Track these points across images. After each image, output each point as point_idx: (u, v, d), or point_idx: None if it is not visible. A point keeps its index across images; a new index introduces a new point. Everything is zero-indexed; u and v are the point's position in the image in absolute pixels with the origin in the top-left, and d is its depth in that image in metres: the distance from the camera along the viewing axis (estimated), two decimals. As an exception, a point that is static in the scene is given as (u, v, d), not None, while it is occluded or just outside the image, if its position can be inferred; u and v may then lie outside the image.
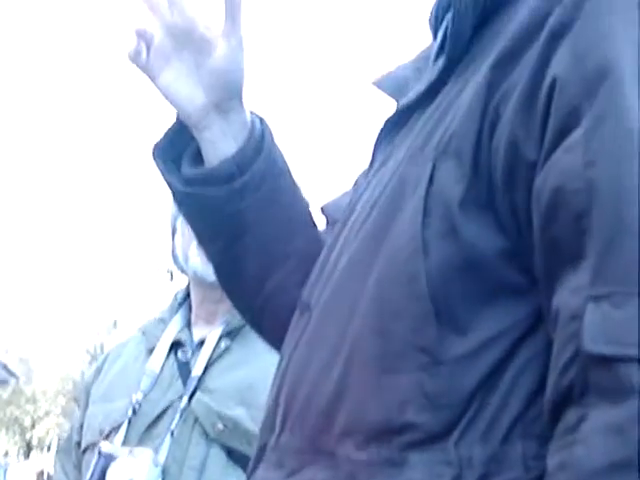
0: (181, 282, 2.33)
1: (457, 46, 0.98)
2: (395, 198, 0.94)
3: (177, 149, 1.18)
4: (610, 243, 0.78)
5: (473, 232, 0.88)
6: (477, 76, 0.92)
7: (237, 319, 1.98)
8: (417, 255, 0.89)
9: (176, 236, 2.14)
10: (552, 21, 0.87)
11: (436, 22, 1.07)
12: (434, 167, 0.91)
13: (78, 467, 2.08)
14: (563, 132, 0.83)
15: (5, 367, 23.41)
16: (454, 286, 0.88)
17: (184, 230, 2.08)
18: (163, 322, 2.13)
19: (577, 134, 0.81)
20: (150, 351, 2.07)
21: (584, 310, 0.78)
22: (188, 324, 2.11)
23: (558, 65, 0.85)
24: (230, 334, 2.04)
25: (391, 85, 1.11)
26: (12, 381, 25.72)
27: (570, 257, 0.81)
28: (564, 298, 0.81)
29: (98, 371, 2.21)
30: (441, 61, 1.00)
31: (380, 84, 1.13)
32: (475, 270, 0.87)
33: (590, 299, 0.78)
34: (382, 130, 1.06)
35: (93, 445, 2.00)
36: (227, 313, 2.03)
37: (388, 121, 1.06)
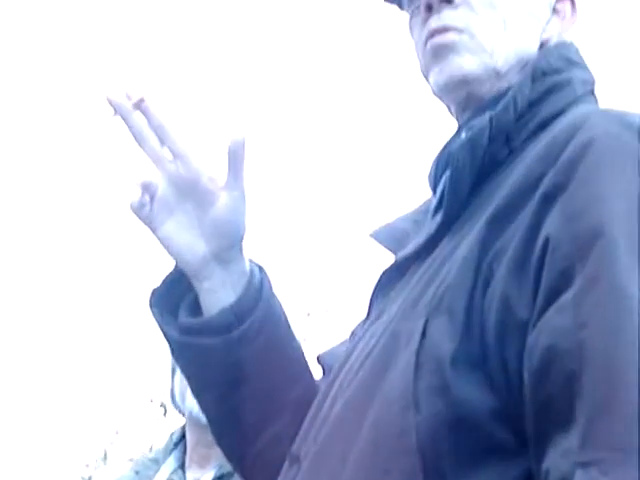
0: (176, 419, 2.30)
1: (454, 203, 1.00)
2: (388, 351, 0.95)
3: (175, 297, 1.18)
4: (600, 408, 0.78)
5: (464, 390, 0.87)
6: (472, 233, 0.94)
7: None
8: (408, 410, 0.88)
9: (175, 375, 2.13)
10: (546, 182, 0.88)
11: (435, 177, 1.09)
12: (427, 323, 0.91)
13: None
14: (555, 292, 0.83)
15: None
16: (443, 443, 0.87)
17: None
18: (156, 462, 2.10)
19: (569, 295, 0.82)
20: (142, 492, 2.03)
21: (572, 475, 0.77)
22: (182, 466, 2.08)
23: (551, 225, 0.86)
24: (222, 479, 2.01)
25: (389, 237, 1.13)
26: (-3, 513, 25.03)
27: (560, 419, 0.80)
28: (554, 461, 0.80)
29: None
30: (439, 216, 1.02)
31: (378, 236, 1.14)
32: (465, 428, 0.87)
33: (578, 465, 0.77)
34: (379, 282, 1.08)
35: None
36: (220, 457, 2.00)
37: (385, 273, 1.07)
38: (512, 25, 1.05)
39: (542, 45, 1.08)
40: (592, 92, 1.07)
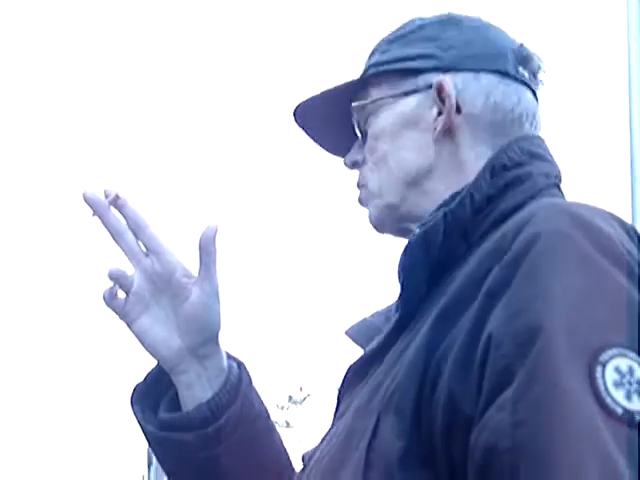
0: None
1: (409, 301, 1.00)
2: (343, 449, 0.94)
3: (157, 393, 1.18)
4: None
5: None
6: (422, 330, 0.93)
7: None
8: None
9: (152, 468, 2.10)
10: (491, 278, 0.88)
11: (403, 273, 1.07)
12: (378, 422, 0.91)
13: None
14: (497, 390, 0.82)
15: None
16: None
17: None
18: None
19: (509, 392, 0.81)
20: None
21: None
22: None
23: (494, 322, 0.85)
24: None
25: (361, 334, 1.13)
26: None
27: None
28: None
29: None
30: (397, 314, 1.02)
31: (351, 333, 1.14)
32: None
33: None
34: (345, 378, 1.07)
35: None
36: None
37: (350, 369, 1.06)
38: (396, 163, 1.09)
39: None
40: (556, 185, 1.06)
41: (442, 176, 1.07)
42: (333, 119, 1.16)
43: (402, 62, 1.11)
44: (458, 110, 1.07)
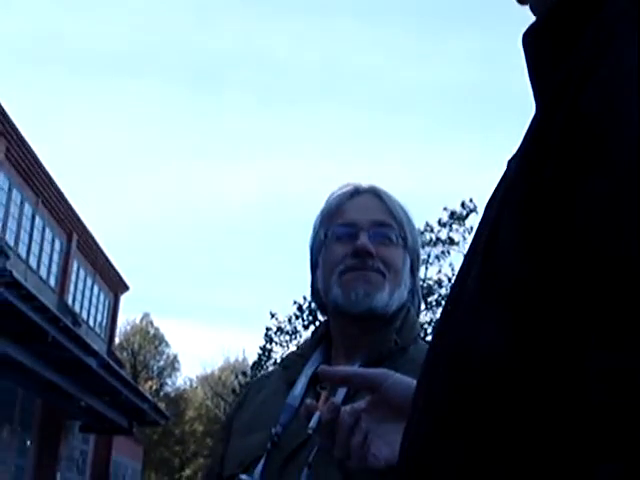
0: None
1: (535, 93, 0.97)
2: (471, 254, 0.95)
3: None
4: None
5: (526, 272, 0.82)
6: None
7: (376, 353, 1.99)
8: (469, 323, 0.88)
9: (318, 270, 2.15)
10: (583, 60, 0.82)
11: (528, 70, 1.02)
12: (499, 215, 0.89)
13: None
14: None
15: (156, 408, 23.94)
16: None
17: (326, 262, 2.10)
18: (303, 357, 2.13)
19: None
20: (290, 385, 2.07)
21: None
22: (328, 359, 2.10)
23: (583, 103, 0.80)
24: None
25: None
26: (162, 422, 26.29)
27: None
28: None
29: (240, 404, 2.22)
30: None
31: None
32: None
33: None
34: None
35: (233, 477, 2.01)
36: (366, 347, 2.02)
37: None
38: None
39: None
40: None
41: None
42: None
43: None
44: None
